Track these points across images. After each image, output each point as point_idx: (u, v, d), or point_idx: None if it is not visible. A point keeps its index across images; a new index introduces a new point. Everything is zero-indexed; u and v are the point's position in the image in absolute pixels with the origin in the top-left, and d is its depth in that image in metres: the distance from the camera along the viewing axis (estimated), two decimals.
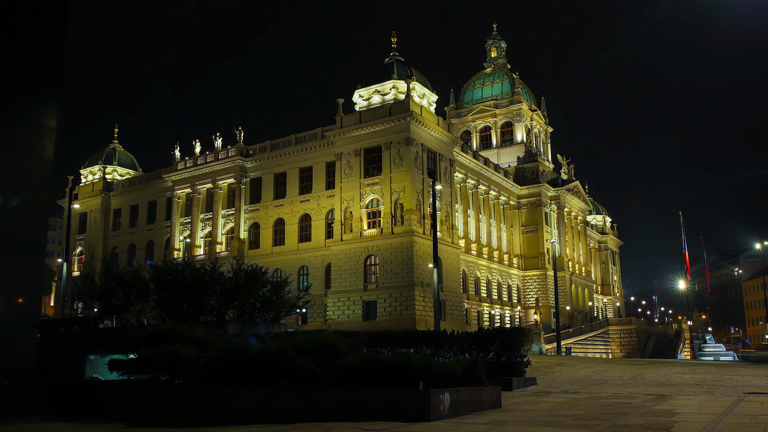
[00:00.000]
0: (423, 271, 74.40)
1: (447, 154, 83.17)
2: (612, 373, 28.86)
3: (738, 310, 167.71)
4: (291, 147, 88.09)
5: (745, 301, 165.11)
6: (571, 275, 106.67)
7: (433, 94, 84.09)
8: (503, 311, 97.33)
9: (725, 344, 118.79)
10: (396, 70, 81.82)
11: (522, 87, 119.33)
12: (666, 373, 29.39)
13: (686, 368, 33.51)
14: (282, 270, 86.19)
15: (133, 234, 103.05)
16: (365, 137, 79.00)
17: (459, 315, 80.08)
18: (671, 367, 34.86)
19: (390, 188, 76.36)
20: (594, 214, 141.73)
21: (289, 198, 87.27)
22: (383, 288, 74.39)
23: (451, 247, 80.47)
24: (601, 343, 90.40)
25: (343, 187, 79.87)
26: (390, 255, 74.95)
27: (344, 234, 78.72)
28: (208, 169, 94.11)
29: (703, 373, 29.41)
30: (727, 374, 28.68)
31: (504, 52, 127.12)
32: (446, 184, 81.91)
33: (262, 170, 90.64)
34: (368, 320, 75.11)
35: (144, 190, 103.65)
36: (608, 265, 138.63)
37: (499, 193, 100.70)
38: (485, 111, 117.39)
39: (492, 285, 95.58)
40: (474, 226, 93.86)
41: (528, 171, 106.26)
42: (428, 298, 74.04)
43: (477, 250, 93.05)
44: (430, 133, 79.54)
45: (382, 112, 78.52)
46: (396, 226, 75.04)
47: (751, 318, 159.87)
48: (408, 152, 75.90)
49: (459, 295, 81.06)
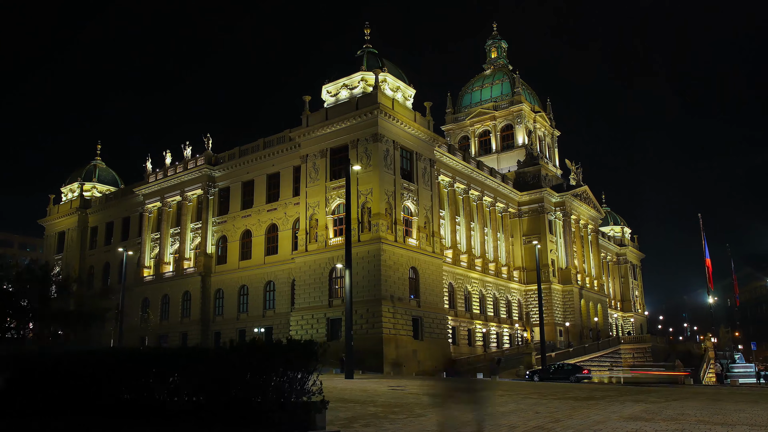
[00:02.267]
0: (394, 283, 62.68)
1: (426, 154, 71.40)
2: (512, 419, 16.69)
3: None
4: (259, 152, 77.82)
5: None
6: (580, 289, 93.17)
7: (410, 88, 72.71)
8: (500, 329, 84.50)
9: (761, 363, 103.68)
10: (366, 61, 70.77)
11: (524, 87, 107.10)
12: (606, 418, 17.11)
13: (659, 405, 21.26)
14: (248, 286, 75.53)
15: (108, 252, 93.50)
16: (331, 136, 68.02)
17: (440, 333, 67.66)
18: (638, 404, 22.54)
19: (357, 191, 64.74)
20: (612, 225, 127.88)
21: (257, 207, 76.67)
22: None
23: (430, 257, 68.48)
24: (611, 364, 76.77)
25: (309, 193, 68.86)
26: (356, 265, 62.73)
27: (309, 244, 67.56)
28: (176, 180, 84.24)
29: (677, 417, 17.13)
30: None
31: (505, 53, 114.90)
32: (425, 186, 70.21)
33: (230, 179, 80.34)
34: (333, 340, 63.34)
35: (119, 206, 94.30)
36: (628, 279, 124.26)
37: (495, 200, 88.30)
38: (484, 114, 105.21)
39: (487, 300, 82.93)
40: (465, 234, 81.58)
41: (529, 175, 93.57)
42: (400, 314, 62.37)
43: (468, 262, 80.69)
44: (404, 130, 67.99)
45: (349, 107, 67.46)
46: (363, 233, 63.51)
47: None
48: (376, 150, 64.52)
49: (441, 311, 68.73)
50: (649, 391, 30.28)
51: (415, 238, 67.50)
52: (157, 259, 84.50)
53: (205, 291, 77.95)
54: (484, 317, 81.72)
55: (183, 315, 79.05)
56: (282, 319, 70.86)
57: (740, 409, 20.61)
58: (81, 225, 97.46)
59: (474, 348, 77.68)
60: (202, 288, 77.84)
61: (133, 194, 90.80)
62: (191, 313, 78.22)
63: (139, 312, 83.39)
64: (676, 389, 35.31)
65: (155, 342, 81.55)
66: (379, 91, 66.27)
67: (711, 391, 31.66)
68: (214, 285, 78.42)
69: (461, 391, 13.30)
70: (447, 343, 69.46)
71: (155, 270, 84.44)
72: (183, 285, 79.79)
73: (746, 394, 30.97)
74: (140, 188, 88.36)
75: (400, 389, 26.22)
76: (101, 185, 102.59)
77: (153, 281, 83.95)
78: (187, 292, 79.21)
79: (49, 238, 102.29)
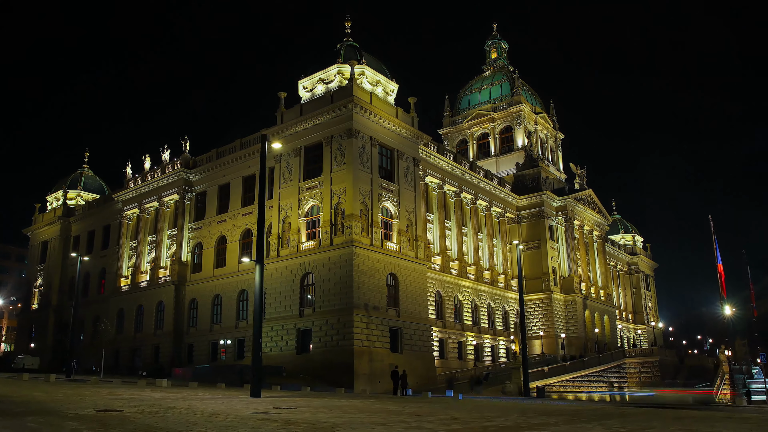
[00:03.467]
0: (368, 290, 56.08)
1: (409, 152, 64.80)
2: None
3: None
4: (236, 153, 71.69)
5: None
6: (584, 299, 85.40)
7: (392, 83, 66.42)
8: (496, 341, 77.21)
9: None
10: (343, 54, 64.73)
11: (525, 88, 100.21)
12: None
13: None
14: (221, 295, 69.26)
15: (88, 261, 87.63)
16: (306, 133, 61.97)
17: (424, 346, 60.68)
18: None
19: (330, 191, 58.55)
20: (622, 233, 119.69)
21: (232, 212, 70.65)
22: (320, 313, 56.30)
23: (413, 263, 61.66)
24: (614, 379, 69.12)
25: (282, 194, 62.78)
26: (328, 272, 56.89)
27: (281, 249, 61.39)
28: (154, 185, 78.59)
29: None
30: None
31: (505, 53, 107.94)
32: (408, 187, 63.57)
33: (207, 183, 74.59)
34: (302, 353, 56.91)
35: (100, 214, 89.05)
36: (640, 290, 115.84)
37: (490, 203, 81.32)
38: (482, 116, 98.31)
39: (480, 311, 75.75)
40: (456, 240, 74.62)
41: (528, 178, 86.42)
42: (375, 325, 55.68)
43: (459, 269, 73.71)
44: (383, 126, 61.57)
45: (323, 102, 61.33)
46: (336, 236, 57.14)
47: None
48: (350, 146, 58.20)
49: (424, 322, 61.71)
50: (638, 415, 23.09)
51: (395, 242, 60.82)
52: (135, 268, 78.65)
53: (178, 301, 71.88)
54: (477, 329, 74.52)
55: (156, 326, 72.98)
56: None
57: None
58: (63, 234, 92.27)
59: (465, 362, 70.46)
60: (176, 298, 71.78)
61: (113, 201, 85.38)
62: (164, 325, 72.08)
63: (114, 323, 77.41)
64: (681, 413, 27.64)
65: (129, 355, 75.73)
66: (354, 83, 60.10)
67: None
68: (189, 294, 72.31)
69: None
70: (431, 356, 62.42)
71: (132, 279, 78.59)
72: (157, 295, 73.82)
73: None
74: (119, 195, 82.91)
75: (262, 416, 19.26)
76: (87, 193, 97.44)
77: (129, 291, 78.15)
78: (161, 302, 73.21)
79: (33, 248, 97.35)
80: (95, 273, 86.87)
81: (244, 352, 64.15)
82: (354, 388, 51.16)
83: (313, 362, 55.64)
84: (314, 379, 54.06)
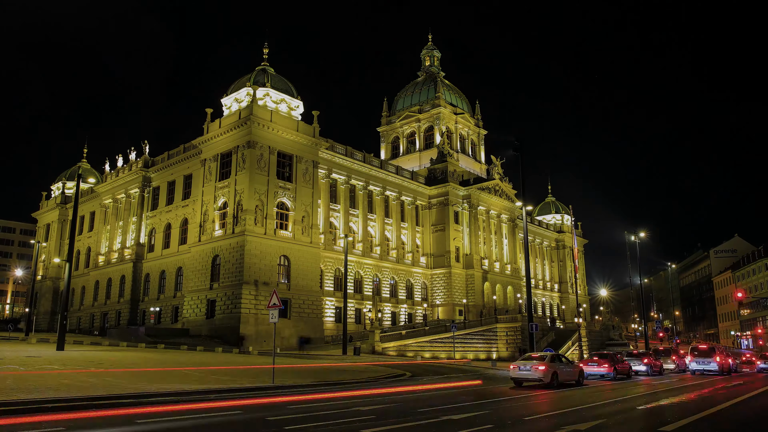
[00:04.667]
0: (258, 269, 69.09)
1: (308, 156, 77.21)
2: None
3: (710, 306, 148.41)
4: (179, 156, 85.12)
5: (716, 297, 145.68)
6: (485, 273, 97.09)
7: (296, 100, 78.61)
8: (397, 309, 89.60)
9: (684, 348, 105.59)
10: (253, 78, 77.11)
11: (452, 92, 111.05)
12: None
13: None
14: (165, 271, 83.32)
15: (79, 242, 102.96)
16: (222, 143, 75.13)
17: (312, 313, 73.64)
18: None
19: (234, 190, 71.66)
20: (554, 213, 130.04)
21: (176, 204, 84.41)
22: (222, 287, 69.72)
23: (306, 246, 74.47)
24: (481, 342, 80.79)
25: (205, 191, 76.16)
26: (229, 255, 70.22)
27: (202, 236, 74.87)
28: (122, 180, 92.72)
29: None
30: None
31: (437, 61, 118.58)
32: (306, 185, 76.12)
33: (160, 179, 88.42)
34: (209, 319, 70.61)
35: (88, 202, 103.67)
36: (566, 264, 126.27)
37: (400, 194, 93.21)
38: (410, 117, 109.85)
39: (383, 283, 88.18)
40: (361, 225, 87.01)
41: (438, 171, 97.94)
42: (262, 296, 68.51)
43: (363, 250, 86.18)
44: (282, 137, 74.11)
45: (234, 118, 74.13)
46: (237, 226, 70.14)
47: (722, 314, 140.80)
48: (250, 155, 71.04)
49: (314, 293, 74.59)
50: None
51: (290, 231, 73.59)
52: (108, 248, 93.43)
53: (136, 275, 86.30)
54: (378, 299, 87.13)
55: (120, 296, 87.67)
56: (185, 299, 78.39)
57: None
58: (61, 218, 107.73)
59: (361, 326, 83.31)
60: (134, 273, 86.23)
61: (94, 192, 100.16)
62: (125, 294, 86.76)
63: (92, 293, 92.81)
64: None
65: (101, 318, 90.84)
66: (254, 104, 72.64)
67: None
68: (145, 270, 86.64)
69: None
70: (320, 321, 75.32)
71: (106, 258, 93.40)
72: (122, 270, 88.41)
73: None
74: (99, 187, 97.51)
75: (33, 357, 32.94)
76: (83, 184, 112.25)
77: (103, 266, 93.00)
78: (124, 276, 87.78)
79: (39, 229, 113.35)
80: (84, 251, 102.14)
81: (177, 317, 78.34)
82: (243, 347, 64.35)
83: (216, 325, 69.29)
84: (214, 338, 67.73)
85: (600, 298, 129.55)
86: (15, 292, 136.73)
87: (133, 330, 67.26)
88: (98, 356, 36.18)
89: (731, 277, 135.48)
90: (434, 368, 46.85)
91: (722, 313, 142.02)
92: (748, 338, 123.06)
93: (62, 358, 32.78)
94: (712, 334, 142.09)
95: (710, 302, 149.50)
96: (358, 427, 13.93)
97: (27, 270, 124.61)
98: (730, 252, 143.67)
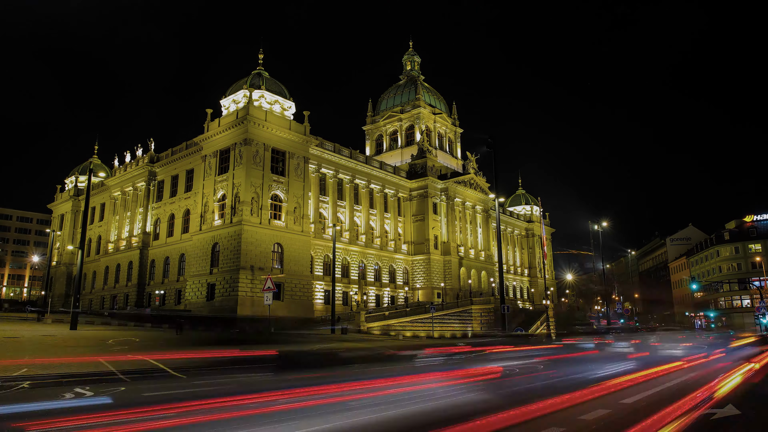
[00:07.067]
0: (254, 256, 70.33)
1: (300, 152, 78.39)
2: None
3: (666, 290, 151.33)
4: (182, 152, 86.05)
5: (672, 281, 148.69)
6: (460, 259, 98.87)
7: (288, 101, 79.69)
8: (381, 292, 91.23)
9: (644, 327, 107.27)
10: (250, 81, 78.17)
11: (431, 94, 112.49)
12: None
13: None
14: (170, 257, 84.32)
15: (90, 230, 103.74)
16: (221, 140, 76.07)
17: (304, 296, 74.98)
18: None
19: (232, 183, 72.83)
20: (524, 204, 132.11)
21: (179, 196, 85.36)
22: (221, 272, 70.90)
23: (298, 235, 75.75)
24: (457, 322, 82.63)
25: (205, 185, 77.20)
26: (227, 242, 71.43)
27: (203, 225, 76.01)
28: (130, 175, 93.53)
29: None
30: None
31: (417, 65, 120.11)
32: (297, 178, 77.34)
33: (165, 174, 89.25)
34: (209, 301, 71.84)
35: (99, 195, 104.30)
36: (535, 251, 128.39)
37: (383, 187, 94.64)
38: (393, 116, 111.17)
39: (368, 269, 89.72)
40: (348, 215, 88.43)
41: (418, 166, 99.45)
42: (258, 281, 69.77)
43: (350, 238, 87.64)
44: (276, 135, 75.24)
45: (232, 117, 75.13)
46: (234, 216, 71.36)
47: (678, 296, 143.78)
48: (247, 151, 72.17)
49: (305, 277, 75.95)
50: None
51: (283, 221, 74.88)
52: (116, 236, 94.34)
53: (142, 261, 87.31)
54: (364, 282, 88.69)
55: (128, 280, 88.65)
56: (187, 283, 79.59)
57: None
58: (74, 209, 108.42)
59: (348, 308, 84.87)
60: (140, 259, 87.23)
61: (104, 186, 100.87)
62: (132, 278, 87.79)
63: (103, 277, 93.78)
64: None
65: (110, 300, 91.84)
66: (251, 105, 73.72)
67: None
68: (150, 256, 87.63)
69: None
70: (311, 303, 76.76)
71: (115, 245, 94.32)
72: (129, 257, 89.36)
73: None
74: (109, 180, 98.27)
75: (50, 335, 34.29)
76: (94, 178, 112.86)
77: (112, 253, 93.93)
78: (131, 262, 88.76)
79: (54, 219, 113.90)
80: (95, 239, 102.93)
81: (180, 299, 79.56)
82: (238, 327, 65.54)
83: (215, 307, 70.54)
84: (214, 319, 68.96)
85: (566, 282, 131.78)
86: (32, 277, 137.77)
87: (140, 311, 68.42)
88: (107, 334, 37.65)
89: (686, 262, 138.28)
90: (414, 345, 48.51)
91: (678, 296, 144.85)
92: (701, 318, 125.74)
93: (75, 336, 34.25)
94: (668, 315, 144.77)
95: (666, 286, 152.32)
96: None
97: (43, 256, 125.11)
98: (684, 240, 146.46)
